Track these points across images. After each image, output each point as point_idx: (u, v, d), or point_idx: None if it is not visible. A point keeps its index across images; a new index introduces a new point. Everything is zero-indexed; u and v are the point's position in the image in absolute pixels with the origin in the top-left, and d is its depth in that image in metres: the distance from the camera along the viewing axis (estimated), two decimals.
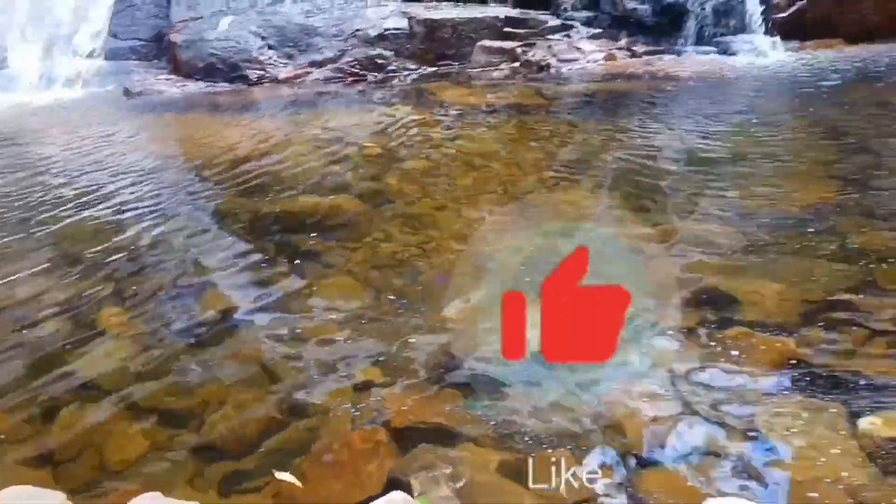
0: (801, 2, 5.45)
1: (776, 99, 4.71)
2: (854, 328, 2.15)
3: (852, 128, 3.95)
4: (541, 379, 2.00)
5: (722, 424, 1.79)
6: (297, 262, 2.77)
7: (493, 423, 1.83)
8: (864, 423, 1.75)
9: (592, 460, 1.68)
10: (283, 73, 5.82)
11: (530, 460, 1.70)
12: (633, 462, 1.68)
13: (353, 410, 1.90)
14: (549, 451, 1.73)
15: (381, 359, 2.12)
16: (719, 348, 2.11)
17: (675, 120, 4.40)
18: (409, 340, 2.20)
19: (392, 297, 2.46)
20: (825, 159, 3.50)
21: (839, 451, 1.68)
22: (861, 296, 2.30)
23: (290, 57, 5.86)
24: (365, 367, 2.08)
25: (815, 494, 1.55)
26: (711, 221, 2.94)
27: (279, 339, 2.28)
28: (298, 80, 5.79)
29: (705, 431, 1.77)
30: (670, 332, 2.20)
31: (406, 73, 5.67)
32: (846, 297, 2.30)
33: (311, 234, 3.01)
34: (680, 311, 2.32)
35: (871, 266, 2.45)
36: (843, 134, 3.86)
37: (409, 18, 5.75)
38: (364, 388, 1.98)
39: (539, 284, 2.46)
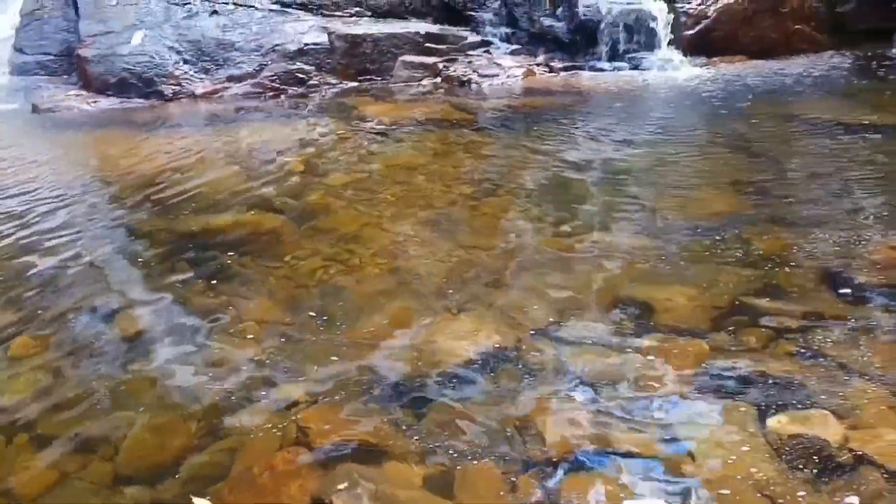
0: (707, 20, 5.72)
1: (686, 112, 4.91)
2: (760, 330, 2.26)
3: (757, 139, 4.15)
4: (463, 391, 2.02)
5: (639, 428, 1.85)
6: (215, 281, 2.71)
7: (417, 437, 1.83)
8: (772, 421, 1.84)
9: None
10: (201, 89, 5.70)
11: (456, 474, 1.71)
12: (553, 469, 1.71)
13: (274, 431, 1.86)
14: (475, 463, 1.74)
15: (302, 378, 2.09)
16: (636, 354, 2.18)
17: (591, 133, 4.52)
18: (332, 358, 2.18)
19: (313, 315, 2.44)
20: (732, 170, 3.67)
21: (748, 449, 1.75)
22: (766, 299, 2.41)
23: (207, 72, 5.74)
24: (286, 386, 2.05)
25: (727, 491, 1.61)
26: (627, 231, 3.03)
27: (197, 360, 2.22)
28: (216, 96, 5.68)
29: (623, 432, 1.83)
30: (588, 340, 2.25)
31: (327, 87, 5.64)
32: (752, 300, 2.42)
33: (230, 253, 2.95)
34: (598, 319, 2.38)
35: (775, 270, 2.58)
36: (749, 145, 4.05)
37: (329, 33, 5.73)
38: (285, 407, 1.95)
39: (466, 303, 2.50)
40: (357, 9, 6.14)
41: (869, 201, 3.10)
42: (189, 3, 6.21)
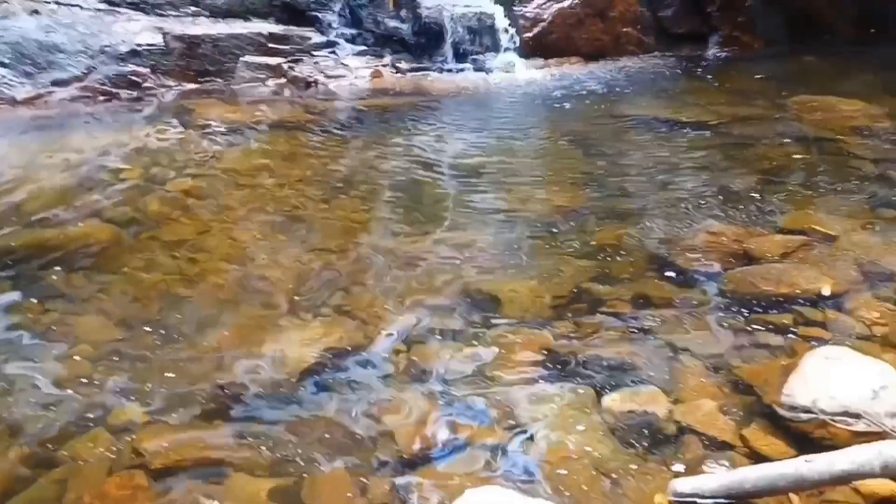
0: (544, 23, 5.97)
1: (528, 112, 5.11)
2: (596, 315, 2.39)
3: (592, 136, 4.39)
4: (313, 398, 1.99)
5: (485, 418, 1.90)
6: (43, 300, 2.50)
7: (264, 449, 1.78)
8: (606, 400, 1.95)
9: None
10: (22, 94, 5.23)
11: (304, 483, 1.68)
12: (404, 467, 1.73)
13: (107, 455, 1.75)
14: (324, 469, 1.73)
15: (137, 397, 1.98)
16: (483, 346, 2.24)
17: (439, 133, 4.59)
18: (169, 375, 2.07)
19: (150, 330, 2.31)
20: (571, 166, 3.85)
21: (586, 429, 1.85)
22: (601, 286, 2.56)
23: (28, 76, 5.28)
24: (120, 407, 1.93)
25: (564, 471, 1.70)
26: (475, 228, 3.11)
27: (24, 385, 2.05)
28: (41, 101, 5.24)
29: (470, 423, 1.87)
30: (438, 336, 2.29)
31: (165, 90, 5.35)
32: (589, 287, 2.55)
33: (59, 269, 2.73)
34: (447, 314, 2.43)
35: (608, 259, 2.74)
36: (585, 142, 4.27)
37: (164, 34, 5.45)
38: (119, 430, 1.84)
39: (316, 308, 2.46)
40: (194, 8, 5.89)
41: (690, 191, 3.36)
42: (6, 3, 5.70)
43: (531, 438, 1.81)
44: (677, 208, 3.17)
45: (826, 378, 1.77)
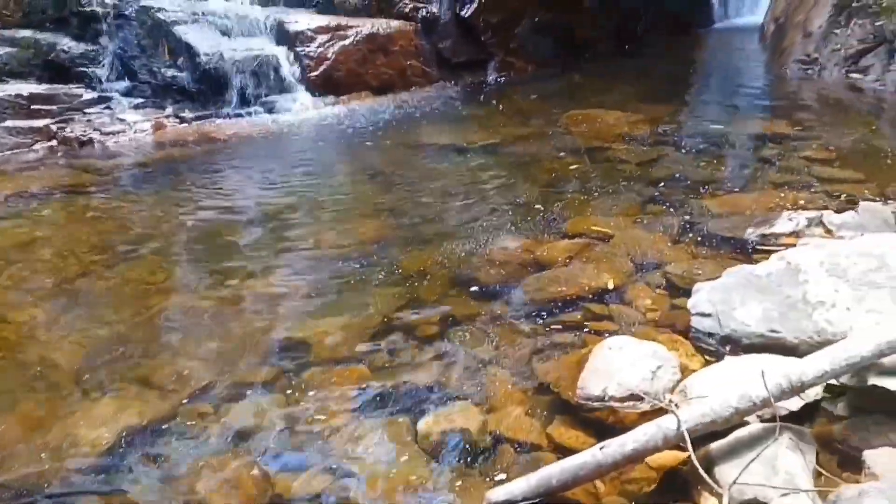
0: (329, 61, 6.02)
1: (324, 149, 5.10)
2: (408, 342, 2.43)
3: (390, 167, 4.47)
4: (112, 480, 1.84)
5: (305, 469, 1.85)
6: None
7: None
8: (422, 424, 1.98)
9: None
10: None
11: None
12: None
13: None
14: None
15: None
16: (298, 394, 2.19)
17: (236, 180, 4.47)
18: None
19: None
20: (372, 198, 3.90)
21: (407, 458, 1.86)
22: (410, 312, 2.60)
23: None
24: None
25: None
26: (281, 273, 3.04)
27: None
28: None
29: (290, 478, 1.82)
30: (247, 392, 2.20)
31: None
32: (398, 316, 2.59)
33: None
34: (256, 369, 2.34)
35: (415, 285, 2.80)
36: (384, 174, 4.34)
37: None
38: None
39: (109, 384, 2.27)
40: None
41: (484, 210, 3.53)
42: None
43: (355, 478, 1.79)
44: (474, 228, 3.31)
45: (612, 367, 1.93)
